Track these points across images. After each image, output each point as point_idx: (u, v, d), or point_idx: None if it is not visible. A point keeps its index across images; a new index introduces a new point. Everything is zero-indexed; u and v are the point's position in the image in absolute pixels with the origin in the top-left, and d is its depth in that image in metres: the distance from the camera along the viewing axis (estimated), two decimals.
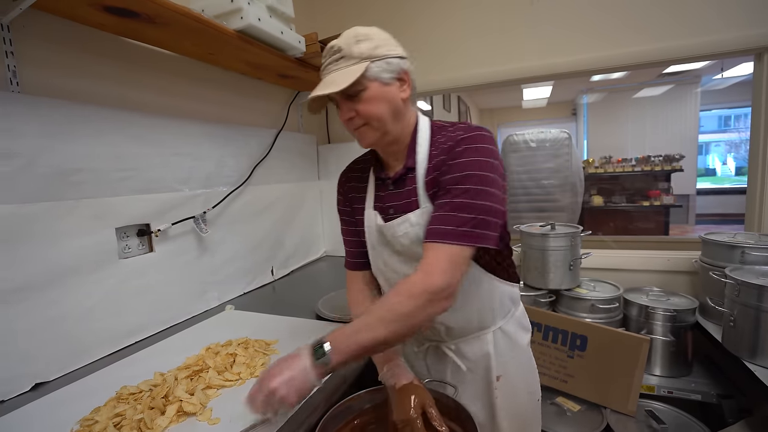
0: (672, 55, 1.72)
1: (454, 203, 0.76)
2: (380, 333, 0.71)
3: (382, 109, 0.82)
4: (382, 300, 0.75)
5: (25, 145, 0.96)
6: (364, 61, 0.79)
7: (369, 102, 0.81)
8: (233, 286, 1.65)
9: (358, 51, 0.79)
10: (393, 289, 0.75)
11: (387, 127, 0.84)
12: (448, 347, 0.97)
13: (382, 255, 0.95)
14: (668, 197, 5.15)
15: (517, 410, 0.98)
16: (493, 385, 0.95)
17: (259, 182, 1.79)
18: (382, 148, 0.91)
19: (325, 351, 0.69)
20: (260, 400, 0.68)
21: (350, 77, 0.77)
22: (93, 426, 0.77)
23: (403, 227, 0.86)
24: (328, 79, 0.80)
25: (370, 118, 0.82)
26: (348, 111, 0.83)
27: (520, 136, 3.28)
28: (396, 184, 0.90)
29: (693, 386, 1.53)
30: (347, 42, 0.80)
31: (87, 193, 1.10)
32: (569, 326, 1.63)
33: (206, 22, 1.16)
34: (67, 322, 1.04)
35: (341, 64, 0.80)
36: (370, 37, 0.81)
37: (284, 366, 0.70)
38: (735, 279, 1.28)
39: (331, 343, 0.70)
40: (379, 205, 0.93)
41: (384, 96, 0.81)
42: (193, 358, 1.05)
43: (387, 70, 0.81)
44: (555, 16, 1.87)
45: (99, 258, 1.13)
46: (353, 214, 1.01)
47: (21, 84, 0.99)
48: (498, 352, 0.96)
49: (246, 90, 1.81)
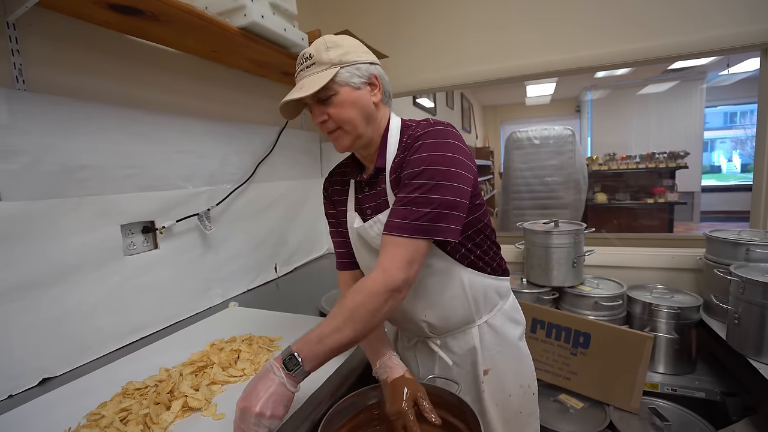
0: (677, 51, 1.71)
1: (410, 198, 0.77)
2: (347, 334, 0.72)
3: (353, 113, 0.84)
4: (344, 300, 0.75)
5: (31, 142, 0.97)
6: (334, 67, 0.81)
7: (340, 106, 0.83)
8: (237, 283, 1.66)
9: (328, 57, 0.81)
10: (353, 288, 0.76)
11: (359, 130, 0.86)
12: (434, 342, 0.98)
13: (364, 255, 0.97)
14: (673, 194, 5.10)
15: (507, 404, 0.99)
16: (480, 379, 0.96)
17: (262, 179, 1.80)
18: (358, 152, 0.94)
19: (298, 362, 0.71)
20: (250, 429, 0.67)
21: (320, 81, 0.80)
22: (100, 420, 0.78)
23: (376, 228, 0.88)
24: (299, 84, 0.83)
25: (342, 121, 0.84)
26: (320, 114, 0.85)
27: (523, 133, 3.27)
28: (370, 185, 0.93)
29: (697, 384, 1.53)
30: (318, 49, 0.82)
31: (92, 191, 1.11)
32: (572, 323, 1.63)
33: (210, 19, 1.17)
34: (72, 319, 1.05)
35: (312, 70, 0.82)
36: (339, 44, 0.83)
37: (260, 387, 0.70)
38: (740, 276, 1.28)
39: (300, 353, 0.71)
40: (358, 207, 0.95)
41: (355, 100, 0.84)
42: (198, 354, 1.06)
43: (357, 75, 0.84)
44: (556, 12, 1.86)
45: (104, 255, 1.14)
46: (338, 216, 1.03)
47: (27, 82, 0.99)
48: (484, 346, 0.96)
49: (249, 87, 1.81)
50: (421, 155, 0.79)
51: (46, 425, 0.80)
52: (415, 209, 0.76)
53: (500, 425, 0.98)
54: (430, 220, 0.76)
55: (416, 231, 0.76)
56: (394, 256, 0.76)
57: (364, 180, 0.93)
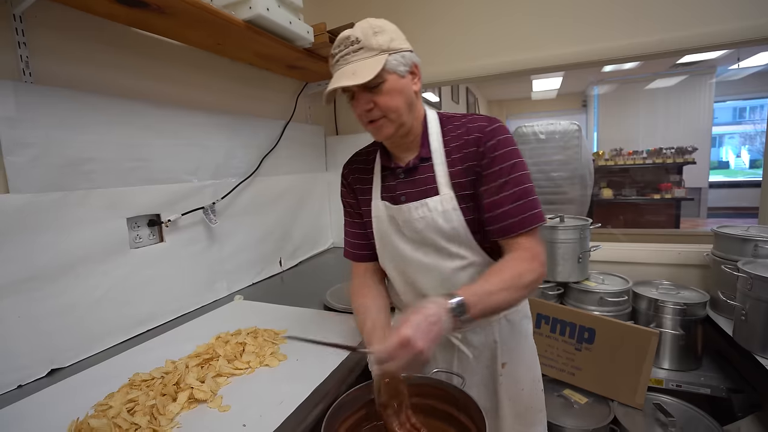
0: (686, 44, 1.68)
1: (515, 193, 0.82)
2: (507, 297, 0.76)
3: (399, 102, 0.83)
4: (503, 267, 0.80)
5: (38, 135, 0.97)
6: (383, 54, 0.80)
7: (388, 94, 0.82)
8: (242, 277, 1.67)
9: (377, 43, 0.80)
10: (516, 258, 0.81)
11: (403, 119, 0.86)
12: (455, 336, 0.97)
13: (392, 243, 0.95)
14: (680, 190, 5.06)
15: (520, 398, 1.00)
16: (498, 372, 0.97)
17: (267, 173, 1.80)
18: (395, 140, 0.92)
19: (464, 310, 0.71)
20: (405, 360, 0.66)
21: (373, 69, 0.78)
22: (107, 411, 0.79)
23: (421, 211, 0.88)
24: (347, 69, 0.80)
25: (389, 110, 0.83)
26: (366, 102, 0.83)
27: (529, 128, 3.24)
28: (407, 172, 0.92)
29: (702, 380, 1.52)
30: (365, 33, 0.80)
31: (98, 183, 1.11)
32: (577, 319, 1.62)
33: (215, 12, 1.16)
34: (79, 311, 1.06)
35: (360, 55, 0.80)
36: (385, 30, 0.82)
37: (426, 328, 0.67)
38: (748, 273, 1.26)
39: (467, 300, 0.71)
40: (388, 195, 0.95)
41: (401, 89, 0.83)
42: (204, 346, 1.07)
43: (402, 63, 0.83)
44: (564, 5, 1.83)
45: (110, 247, 1.14)
46: (358, 205, 1.02)
47: (34, 74, 0.99)
48: (503, 340, 0.97)
49: (254, 81, 1.81)
50: (506, 150, 0.83)
51: (54, 415, 0.81)
52: (528, 200, 0.82)
53: (512, 419, 0.99)
54: (536, 207, 0.83)
55: (535, 219, 0.82)
56: (536, 246, 0.82)
57: (401, 167, 0.92)
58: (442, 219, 0.87)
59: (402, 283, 0.99)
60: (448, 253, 0.90)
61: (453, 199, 0.87)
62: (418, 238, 0.91)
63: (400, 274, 0.98)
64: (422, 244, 0.91)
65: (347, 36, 0.81)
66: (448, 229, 0.88)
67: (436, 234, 0.89)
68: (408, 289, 0.99)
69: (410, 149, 0.92)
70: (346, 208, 1.06)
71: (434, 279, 0.92)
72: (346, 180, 1.05)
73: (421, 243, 0.91)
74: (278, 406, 0.82)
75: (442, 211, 0.87)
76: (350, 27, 0.84)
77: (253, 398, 0.85)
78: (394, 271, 1.00)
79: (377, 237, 0.98)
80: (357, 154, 1.07)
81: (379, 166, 0.98)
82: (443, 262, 0.90)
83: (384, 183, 0.96)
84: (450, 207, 0.87)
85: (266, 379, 0.94)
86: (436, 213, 0.87)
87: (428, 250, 0.91)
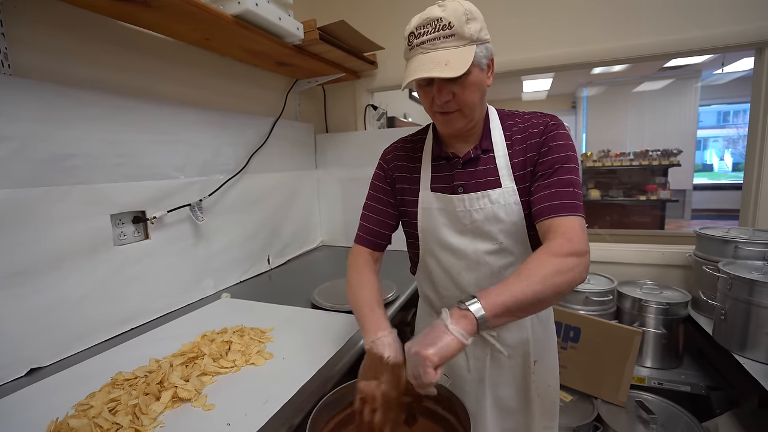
0: (673, 48, 1.71)
1: (566, 180, 0.80)
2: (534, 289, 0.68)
3: (476, 96, 0.81)
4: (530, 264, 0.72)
5: (18, 128, 0.95)
6: (472, 44, 0.75)
7: (469, 87, 0.79)
8: (229, 275, 1.65)
9: (469, 31, 0.74)
10: (539, 255, 0.73)
11: (475, 113, 0.84)
12: (490, 334, 0.93)
13: (440, 236, 0.93)
14: (665, 192, 5.16)
15: (547, 394, 1.00)
16: (531, 369, 0.97)
17: (256, 171, 1.78)
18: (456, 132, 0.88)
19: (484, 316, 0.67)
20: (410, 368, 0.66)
21: (466, 61, 0.73)
22: (88, 411, 0.78)
23: (482, 202, 0.87)
24: (438, 56, 0.74)
25: (466, 104, 0.80)
26: (447, 94, 0.79)
27: None
28: (467, 164, 0.90)
29: (683, 378, 1.56)
30: (458, 19, 0.73)
31: (81, 179, 1.09)
32: (563, 318, 1.64)
33: (202, 5, 1.14)
34: (61, 308, 1.04)
35: (451, 42, 0.74)
36: (476, 17, 0.77)
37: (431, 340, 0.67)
38: (727, 273, 1.29)
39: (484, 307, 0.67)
40: (440, 186, 0.92)
41: (480, 82, 0.80)
42: (189, 345, 1.06)
43: (485, 56, 0.79)
44: (556, 7, 1.85)
45: (94, 244, 1.12)
46: (392, 193, 0.99)
47: (12, 66, 0.97)
48: (535, 338, 0.97)
49: (243, 77, 1.79)
50: (563, 143, 0.83)
51: (33, 415, 0.79)
52: (574, 190, 0.80)
53: (540, 416, 0.99)
54: (580, 200, 0.81)
55: (579, 209, 0.79)
56: (573, 227, 0.76)
57: (459, 158, 0.90)
58: (504, 212, 0.86)
59: (443, 276, 0.96)
60: (502, 248, 0.89)
61: (515, 193, 0.86)
62: (474, 229, 0.89)
63: (443, 268, 0.95)
64: (476, 236, 0.89)
65: (438, 18, 0.74)
66: (508, 222, 0.87)
67: (495, 226, 0.87)
68: (449, 284, 0.96)
69: (469, 141, 0.90)
70: (376, 193, 1.00)
71: (482, 274, 0.91)
72: (387, 166, 1.00)
73: (475, 234, 0.89)
74: (263, 405, 0.81)
75: (504, 204, 0.86)
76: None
77: (238, 397, 0.85)
78: (436, 264, 0.96)
79: (421, 228, 0.95)
80: (402, 140, 1.02)
81: (429, 155, 0.94)
82: (494, 258, 0.89)
83: (436, 173, 0.93)
84: (512, 201, 0.86)
85: (252, 377, 0.93)
86: (498, 206, 0.86)
87: (481, 244, 0.89)
